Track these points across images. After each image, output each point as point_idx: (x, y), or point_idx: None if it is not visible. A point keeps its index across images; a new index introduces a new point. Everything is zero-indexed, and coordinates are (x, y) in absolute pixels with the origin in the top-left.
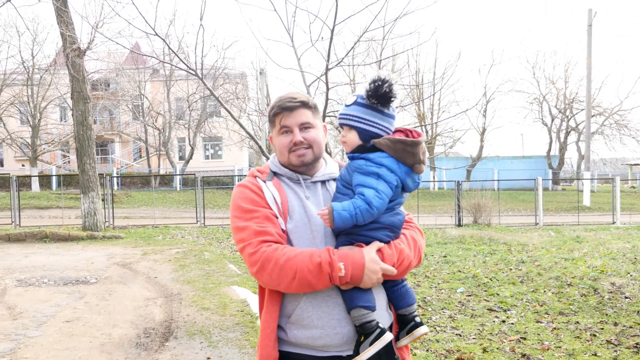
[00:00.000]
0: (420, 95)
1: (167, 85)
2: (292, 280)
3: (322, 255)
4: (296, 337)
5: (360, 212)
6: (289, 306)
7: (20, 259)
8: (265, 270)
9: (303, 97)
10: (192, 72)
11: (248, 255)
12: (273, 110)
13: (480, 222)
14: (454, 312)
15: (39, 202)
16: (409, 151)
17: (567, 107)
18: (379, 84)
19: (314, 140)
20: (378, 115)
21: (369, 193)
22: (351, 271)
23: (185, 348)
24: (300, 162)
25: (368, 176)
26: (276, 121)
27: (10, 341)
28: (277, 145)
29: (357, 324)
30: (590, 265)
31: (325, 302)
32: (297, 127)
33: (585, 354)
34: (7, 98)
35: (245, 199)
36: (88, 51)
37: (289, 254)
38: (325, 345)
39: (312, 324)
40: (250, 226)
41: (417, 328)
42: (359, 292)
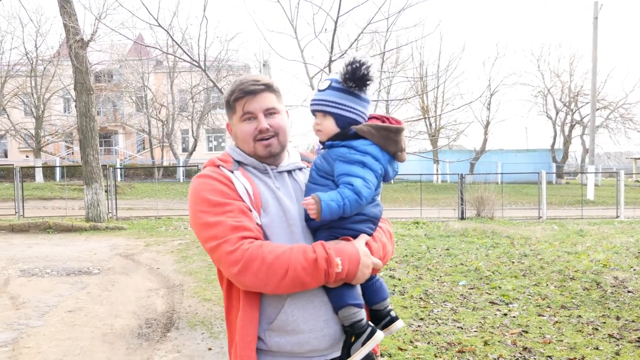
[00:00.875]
0: (424, 88)
1: (170, 77)
2: (282, 280)
3: (317, 250)
4: (278, 345)
5: (349, 203)
6: (269, 310)
7: (23, 249)
8: (249, 270)
9: (267, 80)
10: (196, 64)
11: (226, 254)
12: (234, 95)
13: (483, 216)
14: (455, 304)
15: (43, 193)
16: (393, 138)
17: (572, 100)
18: (356, 65)
19: (279, 127)
20: (355, 99)
21: (357, 182)
22: (347, 267)
23: (187, 339)
24: (267, 153)
25: (353, 165)
26: (237, 107)
27: (13, 330)
28: (239, 134)
29: (346, 323)
30: (593, 259)
31: (311, 302)
32: (261, 113)
33: (587, 347)
34: (11, 89)
35: (213, 191)
36: (91, 42)
37: (276, 250)
38: (312, 350)
39: (298, 329)
40: (224, 221)
41: (393, 323)
42: (349, 289)
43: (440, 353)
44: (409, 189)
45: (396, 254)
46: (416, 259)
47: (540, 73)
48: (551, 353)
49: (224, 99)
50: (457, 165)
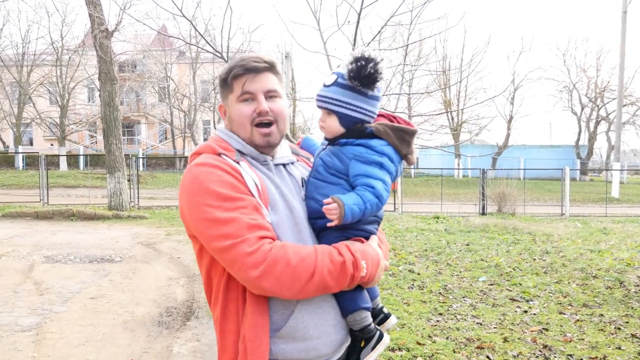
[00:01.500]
0: (447, 82)
1: (193, 68)
2: (306, 284)
3: (344, 253)
4: (284, 353)
5: (370, 207)
6: (277, 316)
7: (48, 236)
8: (273, 274)
9: (270, 59)
10: (218, 55)
11: (244, 255)
12: (234, 71)
13: (504, 211)
14: (475, 300)
15: (67, 181)
16: (407, 140)
17: (598, 95)
18: (362, 63)
19: (280, 112)
20: (361, 98)
21: (379, 185)
22: (370, 270)
23: (206, 328)
24: (265, 143)
25: (371, 166)
26: (235, 85)
27: (37, 315)
28: (235, 116)
29: (356, 328)
30: (616, 257)
31: (320, 307)
32: (262, 94)
33: (609, 347)
34: (37, 78)
35: (221, 183)
36: (115, 32)
37: (301, 252)
38: (318, 356)
39: (307, 335)
40: (238, 218)
41: (387, 319)
42: (360, 293)
43: (458, 348)
44: (429, 183)
45: (416, 248)
46: (436, 253)
47: (566, 68)
48: (572, 352)
49: (220, 76)
50: (479, 160)
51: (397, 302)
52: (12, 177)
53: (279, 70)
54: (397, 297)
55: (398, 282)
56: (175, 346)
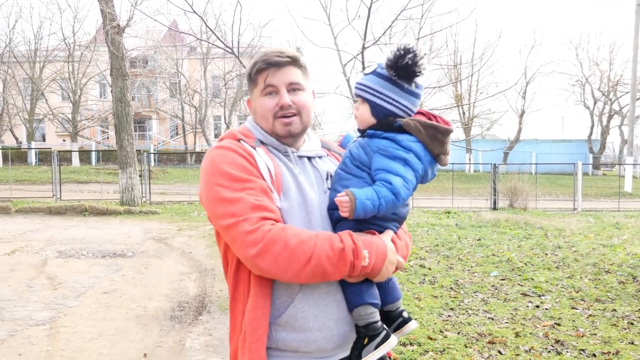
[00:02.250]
0: (458, 76)
1: (203, 63)
2: (304, 267)
3: (345, 240)
4: (284, 341)
5: (385, 203)
6: (278, 302)
7: (60, 231)
8: (269, 253)
9: (293, 53)
10: (229, 50)
11: (244, 234)
12: (257, 66)
13: (516, 206)
14: (486, 295)
15: (79, 176)
16: (440, 139)
17: (611, 89)
18: (401, 53)
19: (303, 105)
20: (396, 90)
21: (397, 182)
22: (374, 261)
23: (218, 322)
24: (286, 132)
25: (394, 161)
26: (259, 79)
27: (50, 310)
28: (259, 109)
29: (361, 324)
30: (629, 252)
31: (323, 299)
32: (284, 87)
33: (622, 342)
34: (49, 74)
35: (233, 165)
36: (127, 28)
37: (301, 235)
38: (319, 349)
39: (307, 326)
40: (244, 198)
41: (406, 324)
42: (368, 287)
43: (470, 343)
44: (440, 177)
45: (427, 243)
46: (447, 248)
47: (578, 61)
48: (584, 346)
49: (246, 71)
50: (490, 155)
51: (409, 297)
52: (25, 173)
53: (302, 63)
54: (408, 292)
55: (409, 277)
56: (188, 340)
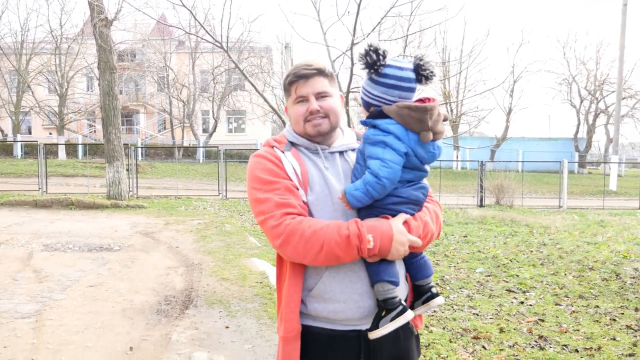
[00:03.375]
0: (446, 73)
1: (192, 58)
2: (319, 253)
3: (350, 227)
4: (317, 311)
5: (371, 187)
6: (310, 280)
7: (46, 224)
8: (290, 243)
9: (319, 65)
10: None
11: (271, 228)
12: (289, 79)
13: (502, 204)
14: (472, 291)
15: (65, 170)
16: (414, 117)
17: (597, 88)
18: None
19: (330, 109)
20: (369, 82)
21: (374, 165)
22: (379, 243)
23: (205, 316)
24: (316, 132)
25: (375, 146)
26: (292, 90)
27: (36, 303)
28: (292, 115)
29: (380, 298)
30: (613, 249)
31: (347, 276)
32: (313, 96)
33: (604, 338)
34: (36, 67)
35: (264, 170)
36: (115, 21)
37: (315, 226)
38: (346, 318)
39: (334, 298)
40: (271, 198)
41: (433, 299)
42: (385, 266)
43: (455, 338)
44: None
45: None
46: (433, 244)
47: (565, 60)
48: (567, 342)
49: (283, 82)
50: (478, 152)
51: None
52: (10, 166)
53: (328, 72)
54: None
55: None
56: (174, 334)
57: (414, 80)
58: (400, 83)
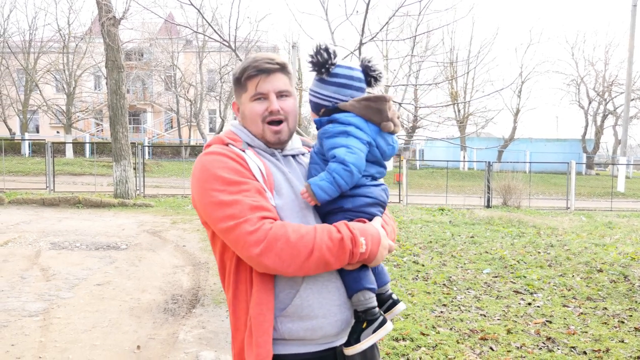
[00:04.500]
0: (454, 74)
1: (199, 57)
2: (307, 260)
3: (342, 230)
4: (290, 332)
5: (338, 175)
6: (282, 296)
7: (54, 222)
8: (272, 251)
9: (281, 60)
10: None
11: (246, 234)
12: (247, 72)
13: (509, 204)
14: (479, 292)
15: (73, 168)
16: (374, 107)
17: (606, 89)
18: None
19: (290, 111)
20: (318, 83)
21: (340, 152)
22: (370, 247)
23: (212, 315)
24: (276, 140)
25: (336, 137)
26: (249, 85)
27: (44, 301)
28: (248, 114)
29: (360, 309)
30: (621, 251)
31: (325, 287)
32: (274, 94)
33: (612, 340)
34: (44, 65)
35: (227, 169)
36: (123, 20)
37: (300, 230)
38: (324, 335)
39: (313, 314)
40: (241, 200)
41: (395, 305)
42: (365, 272)
43: (462, 339)
44: (434, 175)
45: (420, 239)
46: (440, 245)
47: (574, 61)
48: (575, 344)
49: (234, 75)
50: (485, 153)
51: (402, 293)
52: (18, 164)
53: (289, 70)
54: (401, 287)
55: (402, 273)
56: (181, 333)
57: (363, 80)
58: (351, 82)
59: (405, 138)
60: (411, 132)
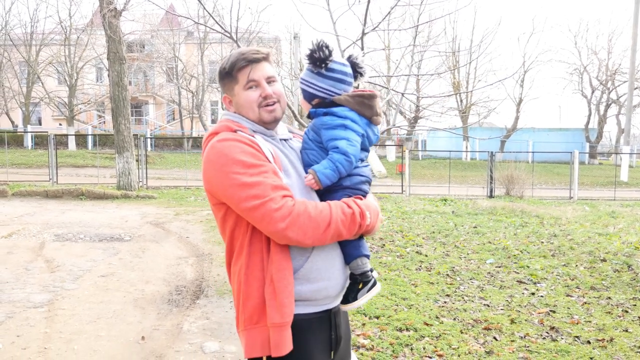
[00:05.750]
0: (456, 63)
1: (201, 48)
2: (325, 232)
3: (352, 205)
4: (300, 293)
5: (340, 165)
6: (295, 263)
7: (57, 214)
8: (297, 224)
9: (266, 50)
10: (227, 35)
11: (273, 211)
12: (239, 64)
13: (512, 194)
14: (482, 282)
15: (75, 160)
16: (367, 104)
17: (609, 78)
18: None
19: (280, 93)
20: (314, 76)
21: (342, 144)
22: (373, 220)
23: (216, 306)
24: (272, 118)
25: (335, 129)
26: (240, 76)
27: (48, 292)
28: (243, 102)
29: (357, 272)
30: (625, 241)
31: (329, 254)
32: (264, 80)
33: (616, 329)
34: (46, 58)
35: (245, 153)
36: (124, 12)
37: (318, 206)
38: (327, 296)
39: (320, 277)
40: (263, 181)
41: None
42: (362, 241)
43: (466, 329)
44: (437, 165)
45: (423, 230)
46: (443, 235)
47: (577, 50)
48: (579, 333)
49: (223, 70)
50: (487, 143)
51: (405, 283)
52: (21, 156)
53: (271, 59)
54: (404, 278)
55: (406, 264)
56: (185, 324)
57: (352, 75)
58: (345, 77)
59: (408, 128)
60: (413, 122)
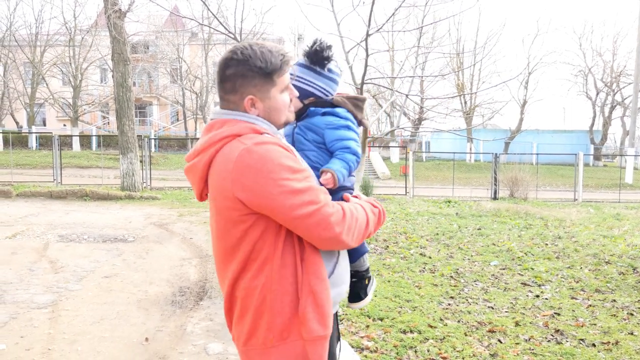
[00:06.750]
0: (460, 65)
1: (205, 49)
2: (364, 233)
3: (376, 204)
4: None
5: (352, 164)
6: (326, 267)
7: (61, 215)
8: (350, 228)
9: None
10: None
11: (329, 216)
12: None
13: (516, 196)
14: (486, 284)
15: (80, 161)
16: (360, 106)
17: (614, 80)
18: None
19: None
20: (312, 74)
21: (352, 144)
22: (384, 218)
23: (219, 308)
24: (292, 117)
25: (341, 130)
26: (279, 80)
27: (52, 293)
28: (279, 105)
29: (363, 269)
30: (630, 243)
31: (346, 256)
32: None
33: (621, 332)
34: (50, 58)
35: (287, 157)
36: (129, 13)
37: (357, 208)
38: (342, 299)
39: (342, 280)
40: (312, 186)
41: None
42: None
43: (470, 332)
44: (441, 167)
45: (427, 231)
46: (447, 237)
47: (581, 52)
48: (584, 336)
49: (263, 70)
50: (491, 145)
51: (409, 285)
52: (25, 157)
53: None
54: (408, 280)
55: (409, 266)
56: (189, 325)
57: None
58: (338, 78)
59: (412, 130)
60: (417, 123)
